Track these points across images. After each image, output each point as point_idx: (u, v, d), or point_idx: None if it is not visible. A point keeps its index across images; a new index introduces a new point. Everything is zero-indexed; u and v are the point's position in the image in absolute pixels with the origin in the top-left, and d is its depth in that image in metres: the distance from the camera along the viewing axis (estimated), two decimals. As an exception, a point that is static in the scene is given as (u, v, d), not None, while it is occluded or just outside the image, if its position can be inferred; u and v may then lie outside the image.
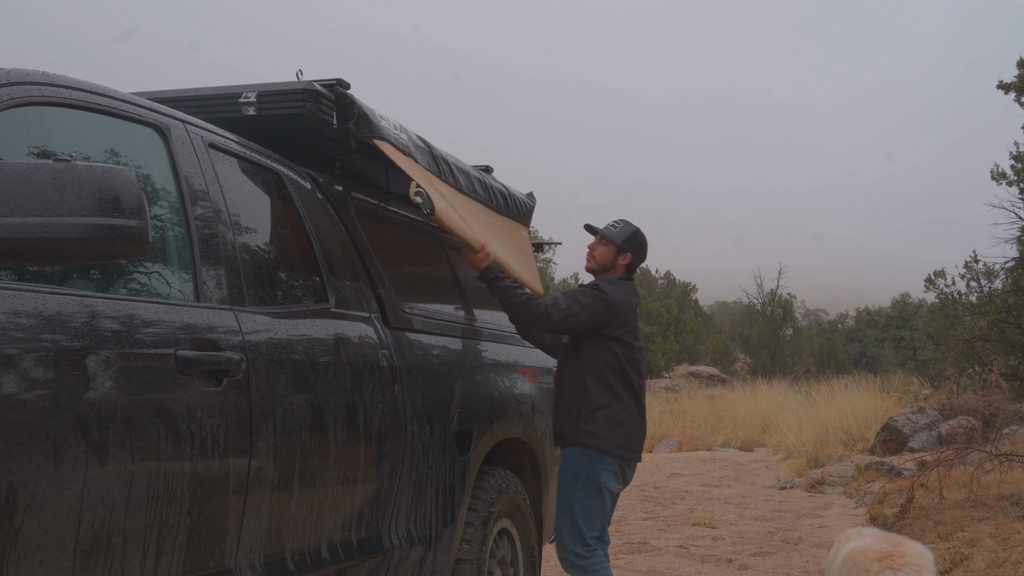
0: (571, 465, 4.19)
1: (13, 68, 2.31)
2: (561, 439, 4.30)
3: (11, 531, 1.92)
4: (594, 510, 4.20)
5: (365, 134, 3.54)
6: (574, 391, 4.23)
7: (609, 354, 4.20)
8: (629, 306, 4.27)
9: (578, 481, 4.16)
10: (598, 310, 4.16)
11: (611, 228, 4.42)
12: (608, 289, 4.22)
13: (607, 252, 4.38)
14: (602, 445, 4.14)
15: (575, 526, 4.18)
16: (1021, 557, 5.93)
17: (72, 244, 1.94)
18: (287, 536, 2.78)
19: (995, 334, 12.69)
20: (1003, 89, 11.64)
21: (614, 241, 4.36)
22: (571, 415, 4.22)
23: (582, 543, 4.19)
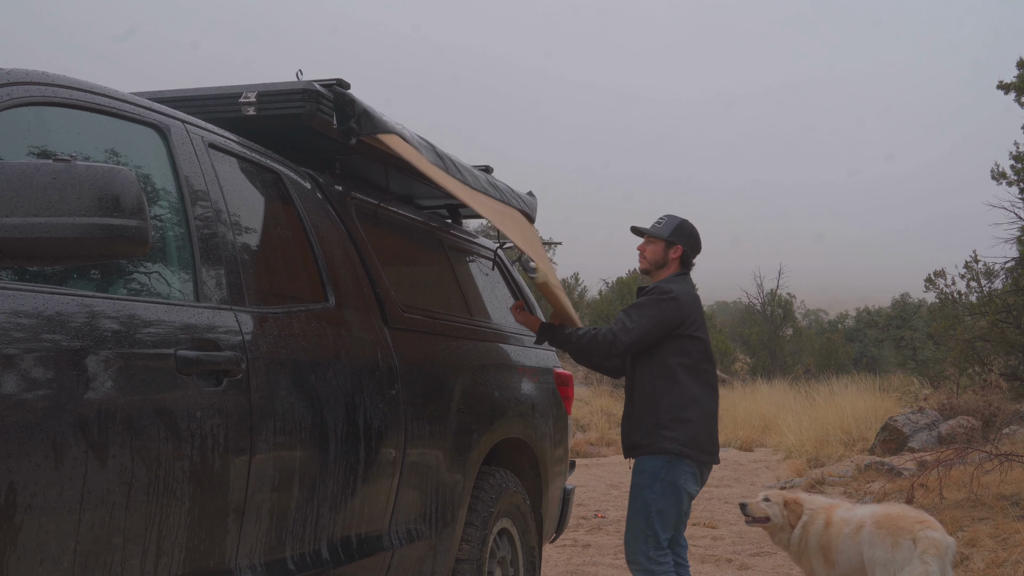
0: (649, 466, 4.10)
1: (13, 68, 2.31)
2: (635, 449, 4.20)
3: (11, 531, 1.92)
4: (669, 513, 4.10)
5: (369, 131, 3.53)
6: (647, 399, 4.14)
7: (681, 355, 4.12)
8: (693, 299, 4.19)
9: (656, 483, 4.08)
10: (666, 313, 4.08)
11: (656, 225, 4.34)
12: (667, 288, 4.14)
13: (656, 249, 4.31)
14: (683, 451, 4.06)
15: (650, 528, 4.08)
16: (1021, 557, 5.93)
17: (72, 244, 1.94)
18: (287, 536, 2.78)
19: (995, 334, 12.68)
20: (1003, 89, 11.63)
21: (661, 236, 4.29)
22: (646, 424, 4.12)
23: (656, 545, 4.08)
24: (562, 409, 4.86)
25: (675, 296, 4.11)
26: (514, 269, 5.25)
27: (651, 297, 4.14)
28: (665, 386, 4.11)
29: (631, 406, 4.25)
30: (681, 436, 4.06)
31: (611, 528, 8.43)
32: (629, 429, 4.25)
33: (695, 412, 4.11)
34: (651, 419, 4.12)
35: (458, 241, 4.65)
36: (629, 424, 4.25)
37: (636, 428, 4.19)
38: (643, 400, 4.17)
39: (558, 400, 4.83)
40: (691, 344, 4.14)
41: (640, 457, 4.18)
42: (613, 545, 7.52)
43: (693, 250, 4.36)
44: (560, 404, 4.84)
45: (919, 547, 4.14)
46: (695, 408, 4.11)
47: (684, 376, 4.11)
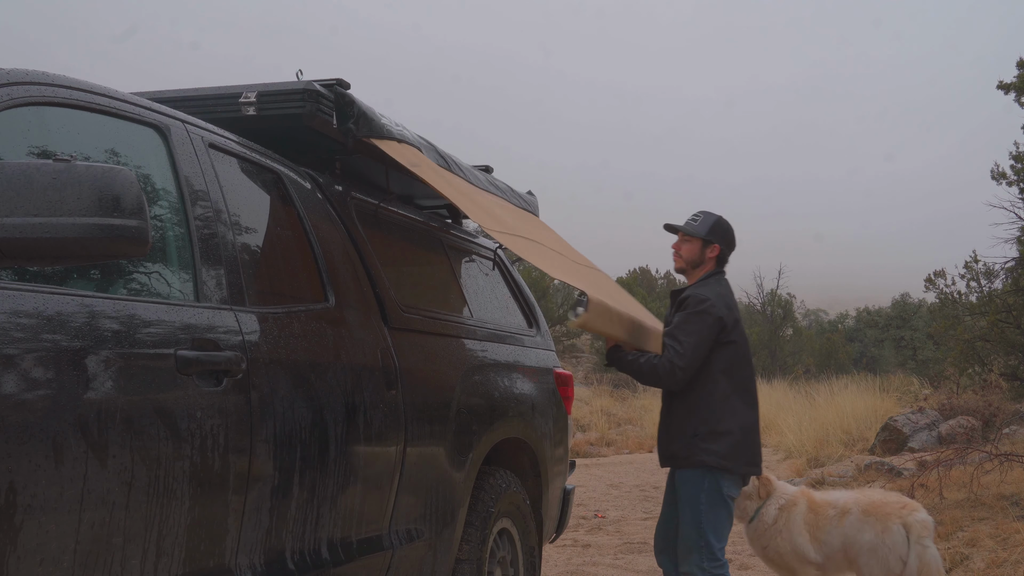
0: (691, 479, 4.05)
1: (13, 68, 2.31)
2: (673, 460, 4.14)
3: (11, 531, 1.92)
4: (721, 521, 4.05)
5: (365, 133, 3.54)
6: (685, 409, 4.08)
7: (719, 361, 4.05)
8: (729, 303, 4.11)
9: (701, 493, 4.01)
10: (708, 325, 4.01)
11: (691, 222, 4.24)
12: (703, 296, 4.05)
13: (693, 248, 4.22)
14: (722, 464, 4.00)
15: (703, 540, 4.01)
16: (1021, 557, 5.93)
17: (72, 244, 1.94)
18: (287, 536, 2.78)
19: (995, 334, 12.68)
20: (1003, 89, 11.63)
21: (697, 235, 4.20)
22: (684, 435, 4.06)
23: (711, 556, 4.00)
24: (562, 409, 4.86)
25: (712, 304, 4.03)
26: (514, 269, 5.25)
27: (689, 312, 4.05)
28: (703, 395, 4.03)
29: (668, 415, 4.18)
30: (720, 449, 3.99)
31: (611, 528, 8.43)
32: (667, 439, 4.17)
33: (733, 423, 4.03)
34: (688, 430, 4.05)
35: (458, 241, 4.65)
36: (667, 433, 4.18)
37: (674, 439, 4.11)
38: (681, 409, 4.09)
39: (558, 400, 4.82)
40: (729, 349, 4.07)
41: (680, 469, 4.11)
42: (613, 545, 7.52)
43: (729, 248, 4.27)
44: (560, 404, 4.84)
45: (914, 532, 4.42)
46: (733, 419, 4.04)
47: (723, 384, 4.04)
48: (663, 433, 4.23)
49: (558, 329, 30.82)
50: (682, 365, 3.98)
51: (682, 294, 4.20)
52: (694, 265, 4.23)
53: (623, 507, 9.85)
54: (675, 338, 4.02)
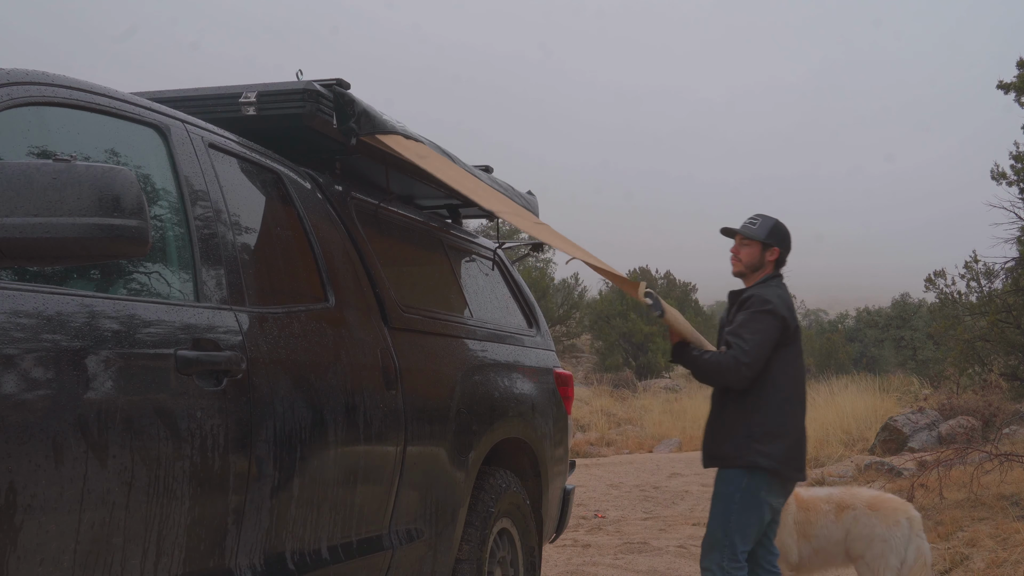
0: (734, 478, 4.01)
1: (13, 68, 2.32)
2: (722, 460, 4.08)
3: (11, 531, 1.92)
4: (750, 524, 4.00)
5: (368, 131, 3.53)
6: (740, 409, 4.03)
7: (777, 363, 4.01)
8: (789, 306, 4.08)
9: (738, 494, 3.98)
10: (771, 326, 3.98)
11: (750, 226, 4.18)
12: (766, 297, 4.01)
13: (753, 252, 4.17)
14: (775, 467, 3.95)
15: (728, 539, 3.98)
16: (1021, 557, 5.93)
17: (72, 244, 1.94)
18: (287, 536, 2.78)
19: (995, 334, 12.68)
20: (1003, 89, 11.63)
21: (757, 238, 4.15)
22: (737, 435, 4.01)
23: (732, 557, 3.97)
24: (562, 409, 4.86)
25: (776, 305, 3.99)
26: (514, 269, 5.25)
27: (754, 311, 4.00)
28: (759, 396, 3.99)
29: (720, 414, 4.11)
30: (774, 451, 3.95)
31: (611, 528, 8.44)
32: (717, 439, 4.11)
33: (789, 426, 4.00)
34: (742, 431, 3.99)
35: (458, 241, 4.65)
36: (718, 433, 4.11)
37: (725, 439, 4.05)
38: (735, 409, 4.04)
39: (558, 400, 4.82)
40: (788, 352, 4.03)
41: (726, 468, 4.06)
42: (613, 545, 7.52)
43: (787, 251, 4.23)
44: (560, 404, 4.84)
45: (915, 527, 4.79)
46: (789, 421, 4.00)
47: (780, 386, 4.00)
48: (713, 433, 4.14)
49: (558, 329, 30.83)
50: (747, 362, 3.93)
51: (743, 294, 4.15)
52: (754, 269, 4.18)
53: (623, 507, 9.85)
54: (740, 336, 3.97)
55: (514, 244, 5.70)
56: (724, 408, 4.11)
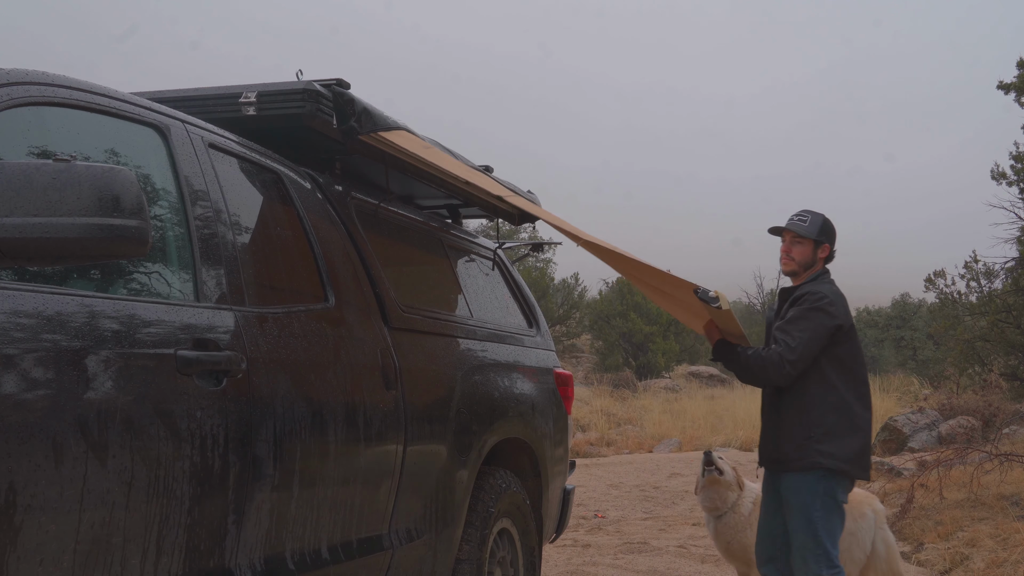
0: (804, 483, 3.93)
1: (13, 68, 2.32)
2: (782, 463, 4.01)
3: (11, 531, 1.92)
4: (835, 527, 3.95)
5: (370, 129, 3.53)
6: (799, 409, 3.95)
7: (834, 360, 3.95)
8: (843, 301, 4.00)
9: (816, 500, 3.90)
10: (823, 323, 3.90)
11: (800, 223, 4.10)
12: (820, 293, 3.95)
13: (805, 250, 4.09)
14: (839, 467, 3.89)
15: (820, 548, 3.89)
16: (1021, 557, 5.93)
17: (72, 244, 1.94)
18: (287, 536, 2.78)
19: (995, 334, 12.69)
20: (1003, 89, 11.64)
21: (809, 235, 4.07)
22: (797, 437, 3.94)
23: (828, 564, 3.90)
24: (562, 409, 4.86)
25: (830, 302, 3.93)
26: (514, 269, 5.25)
27: (806, 307, 3.94)
28: (819, 395, 3.93)
29: (779, 415, 4.04)
30: (836, 451, 3.88)
31: (611, 528, 8.44)
32: (776, 440, 4.03)
33: (851, 424, 3.93)
34: (802, 432, 3.92)
35: (458, 241, 4.65)
36: (776, 435, 4.04)
37: (786, 440, 3.98)
38: (794, 410, 3.96)
39: (558, 400, 4.82)
40: (844, 349, 3.96)
41: (790, 473, 3.98)
42: (613, 545, 7.52)
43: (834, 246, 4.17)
44: (560, 404, 4.84)
45: (879, 518, 4.97)
46: (851, 420, 3.93)
47: (838, 384, 3.93)
48: (770, 434, 4.07)
49: (558, 329, 30.84)
50: (792, 359, 3.87)
51: (795, 291, 4.09)
52: (806, 267, 4.11)
53: (623, 507, 9.86)
54: (787, 332, 3.91)
55: (514, 244, 5.71)
56: (781, 409, 4.03)
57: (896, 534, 7.60)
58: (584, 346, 33.60)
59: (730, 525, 4.97)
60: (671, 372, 30.09)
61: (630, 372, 28.37)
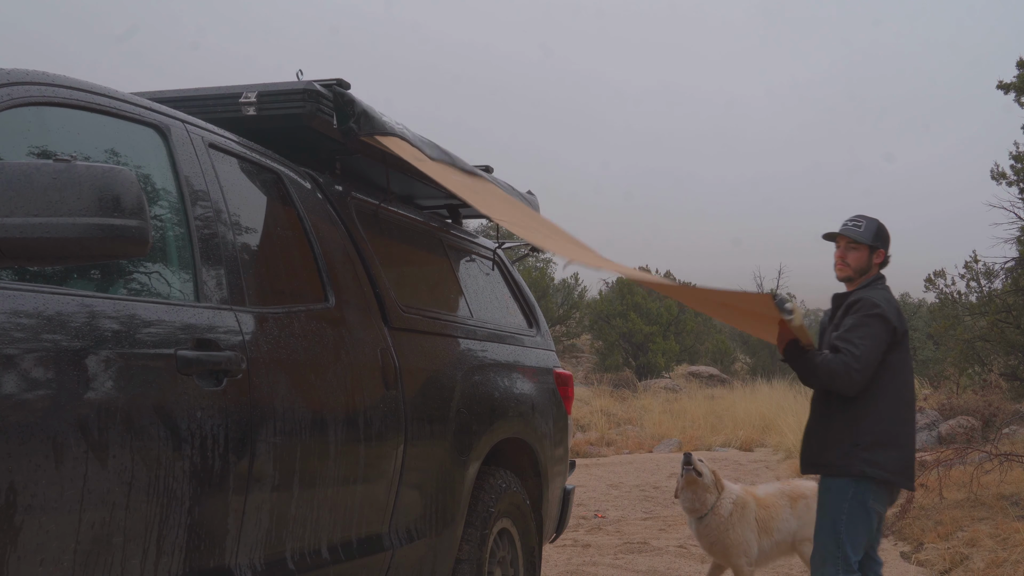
0: (839, 487, 3.92)
1: (13, 68, 2.32)
2: (825, 467, 3.98)
3: (11, 531, 1.92)
4: (860, 533, 3.92)
5: (367, 131, 3.53)
6: (846, 416, 3.92)
7: (885, 369, 3.91)
8: (898, 309, 3.98)
9: (844, 502, 3.89)
10: (881, 332, 3.87)
11: (855, 228, 4.05)
12: (875, 301, 3.91)
13: (861, 256, 4.05)
14: (882, 475, 3.86)
15: (840, 551, 3.88)
16: (1021, 557, 5.93)
17: (72, 244, 1.95)
18: (287, 536, 2.78)
19: (995, 334, 12.68)
20: (1003, 89, 11.63)
21: (865, 241, 4.02)
22: (843, 444, 3.91)
23: (846, 568, 3.88)
24: (562, 409, 4.86)
25: (885, 309, 3.89)
26: (514, 269, 5.25)
27: (863, 315, 3.90)
28: (867, 403, 3.89)
29: (825, 421, 4.01)
30: (882, 460, 3.86)
31: (611, 528, 8.44)
32: (821, 446, 4.01)
33: (898, 434, 3.90)
34: (848, 438, 3.90)
35: (458, 241, 4.65)
36: (821, 440, 4.01)
37: (831, 446, 3.95)
38: (841, 417, 3.93)
39: (558, 400, 4.82)
40: (895, 357, 3.93)
41: (830, 477, 3.97)
42: (613, 545, 7.52)
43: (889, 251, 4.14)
44: (560, 404, 4.84)
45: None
46: (898, 429, 3.91)
47: (888, 392, 3.91)
48: (815, 440, 4.04)
49: (558, 329, 30.84)
50: (858, 368, 3.82)
51: (849, 297, 4.05)
52: (861, 273, 4.07)
53: (623, 507, 9.86)
54: (849, 341, 3.86)
55: (514, 244, 5.71)
56: (828, 414, 3.99)
57: (896, 534, 7.61)
58: (584, 346, 33.60)
59: (711, 527, 5.11)
60: (671, 372, 30.10)
61: (630, 372, 28.37)
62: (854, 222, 4.08)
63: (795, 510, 5.27)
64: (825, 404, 4.03)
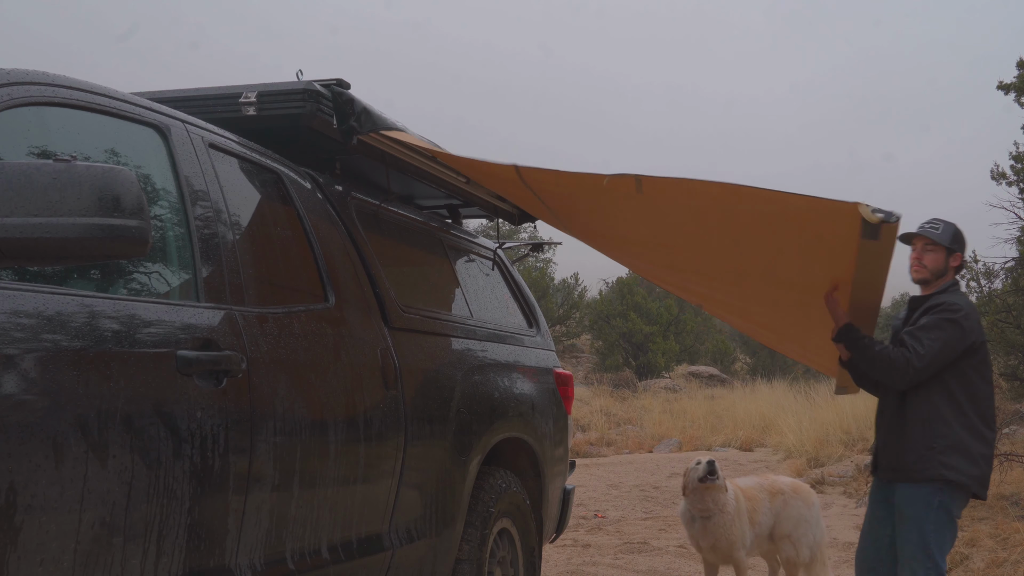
0: (920, 494, 3.85)
1: (13, 68, 2.32)
2: (901, 472, 3.92)
3: (11, 531, 1.92)
4: (947, 541, 3.88)
5: (370, 129, 3.53)
6: (923, 420, 3.86)
7: (963, 375, 3.85)
8: (977, 314, 3.92)
9: (930, 512, 3.82)
10: (956, 335, 3.80)
11: (932, 230, 3.98)
12: (956, 304, 3.85)
13: (938, 258, 3.97)
14: (961, 481, 3.80)
15: (931, 560, 3.82)
16: (1021, 557, 5.93)
17: (72, 244, 1.95)
18: (287, 536, 2.78)
19: (995, 334, 12.66)
20: (1003, 90, 11.61)
21: (943, 243, 3.95)
22: (918, 447, 3.85)
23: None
24: (562, 409, 4.86)
25: (965, 315, 3.83)
26: (514, 269, 5.25)
27: (941, 317, 3.84)
28: (943, 408, 3.85)
29: (901, 425, 3.94)
30: (959, 464, 3.81)
31: (611, 528, 8.44)
32: (896, 450, 3.94)
33: (974, 440, 3.85)
34: (924, 442, 3.84)
35: (458, 241, 4.66)
36: (897, 444, 3.95)
37: (906, 451, 3.89)
38: (918, 421, 3.88)
39: (558, 400, 4.83)
40: (973, 366, 3.88)
41: (907, 483, 3.90)
42: (613, 545, 7.53)
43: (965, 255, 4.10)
44: (560, 404, 4.84)
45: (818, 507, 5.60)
46: (974, 435, 3.85)
47: (962, 399, 3.86)
48: (892, 442, 3.98)
49: (558, 329, 30.84)
50: (918, 366, 3.77)
51: (928, 301, 3.98)
52: (938, 275, 4.00)
53: (623, 507, 9.85)
54: (918, 338, 3.81)
55: (514, 244, 5.71)
56: (903, 421, 3.95)
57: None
58: (584, 346, 33.59)
59: (719, 525, 5.17)
60: (671, 372, 30.09)
61: (630, 372, 28.36)
62: (931, 224, 4.03)
63: (773, 505, 5.42)
64: (901, 409, 3.96)
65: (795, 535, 5.42)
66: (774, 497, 5.44)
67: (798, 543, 5.40)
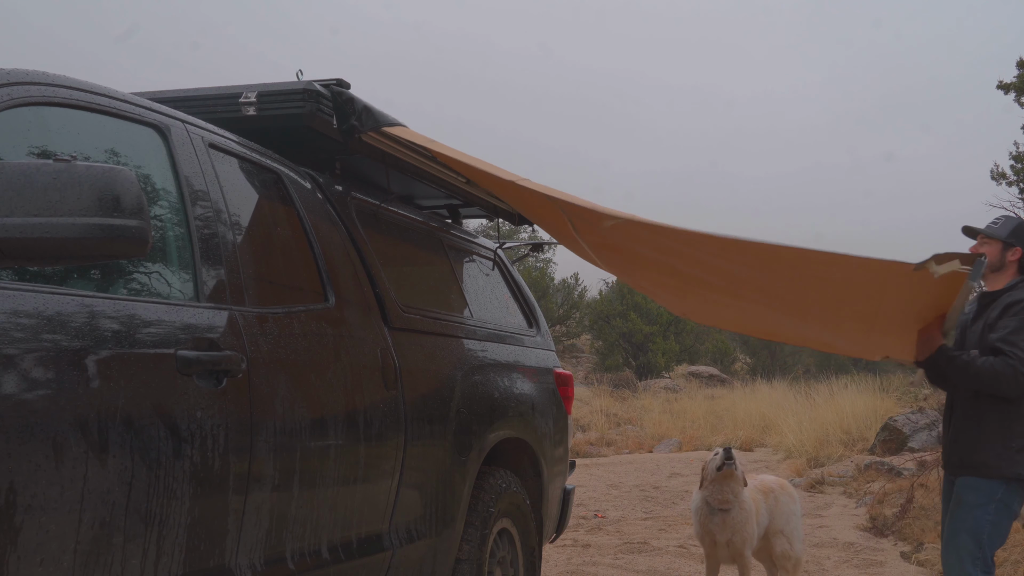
0: (987, 487, 3.85)
1: (13, 68, 2.32)
2: (975, 468, 3.90)
3: (11, 531, 1.92)
4: (1002, 535, 3.88)
5: (372, 126, 3.53)
6: (1000, 417, 3.85)
7: None
8: None
9: (991, 503, 3.82)
10: None
11: (992, 225, 4.04)
12: None
13: (994, 251, 3.99)
14: None
15: (980, 550, 3.82)
16: (1021, 557, 5.93)
17: (72, 244, 1.95)
18: (287, 536, 2.78)
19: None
20: (1003, 89, 11.63)
21: (998, 237, 3.98)
22: (995, 444, 3.84)
23: (984, 568, 3.82)
24: (562, 409, 4.86)
25: None
26: (514, 269, 5.25)
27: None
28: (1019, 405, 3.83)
29: (976, 422, 3.93)
30: None
31: (611, 528, 8.43)
32: (971, 446, 3.92)
33: None
34: (1000, 439, 3.84)
35: (458, 241, 4.66)
36: (972, 440, 3.93)
37: (982, 446, 3.88)
38: (994, 417, 3.86)
39: (558, 400, 4.83)
40: None
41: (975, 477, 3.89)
42: (613, 545, 7.52)
43: None
44: (560, 404, 4.84)
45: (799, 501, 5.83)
46: None
47: None
48: (965, 439, 3.96)
49: (558, 329, 30.84)
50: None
51: (1001, 296, 3.96)
52: (994, 269, 4.01)
53: (623, 507, 9.85)
54: (1015, 344, 3.78)
55: (514, 244, 5.71)
56: (979, 415, 3.92)
57: (896, 534, 7.61)
58: (584, 346, 33.60)
59: (738, 519, 5.21)
60: (671, 372, 30.09)
61: (630, 372, 28.38)
62: (994, 220, 4.09)
63: (767, 503, 5.54)
64: (975, 403, 3.95)
65: (787, 530, 5.59)
66: (767, 496, 5.57)
67: (791, 537, 5.58)
